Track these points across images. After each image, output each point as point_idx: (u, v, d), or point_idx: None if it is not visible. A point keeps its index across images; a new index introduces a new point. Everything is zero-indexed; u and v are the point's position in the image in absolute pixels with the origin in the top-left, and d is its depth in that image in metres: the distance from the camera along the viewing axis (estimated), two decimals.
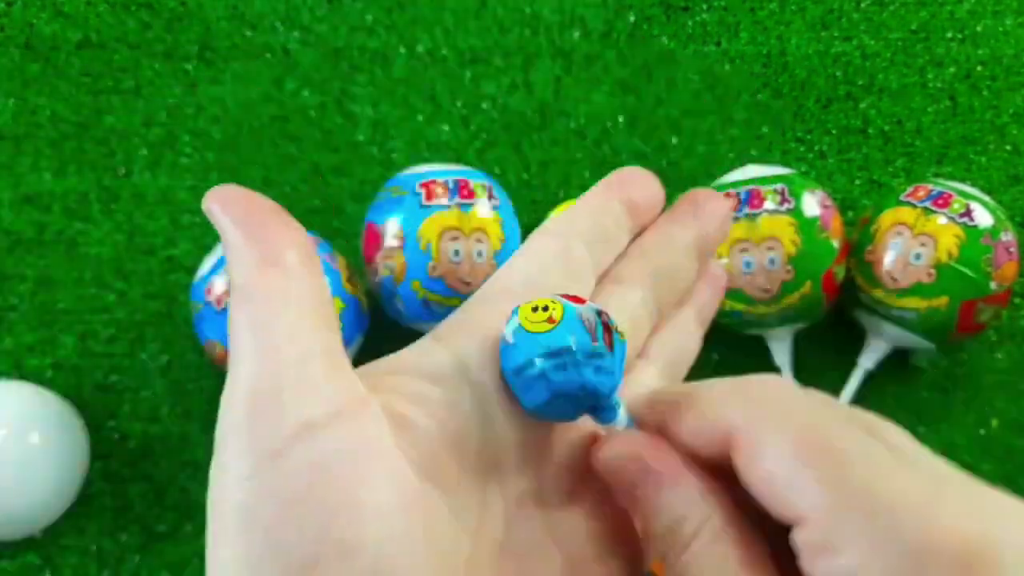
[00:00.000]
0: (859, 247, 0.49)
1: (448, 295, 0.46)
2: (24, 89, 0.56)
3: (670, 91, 0.58)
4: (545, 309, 0.19)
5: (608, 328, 0.19)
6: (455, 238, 0.46)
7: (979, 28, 0.59)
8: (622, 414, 0.21)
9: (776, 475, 0.17)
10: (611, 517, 0.22)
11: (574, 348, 0.19)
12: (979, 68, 0.58)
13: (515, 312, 0.20)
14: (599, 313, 0.19)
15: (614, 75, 0.58)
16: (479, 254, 0.46)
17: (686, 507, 0.19)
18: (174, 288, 0.53)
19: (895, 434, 0.18)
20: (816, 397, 0.19)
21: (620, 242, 0.24)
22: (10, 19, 0.58)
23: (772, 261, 0.46)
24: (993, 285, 0.46)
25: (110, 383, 0.51)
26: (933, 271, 0.46)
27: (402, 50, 0.58)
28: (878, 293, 0.48)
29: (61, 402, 0.49)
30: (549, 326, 0.19)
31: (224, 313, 0.44)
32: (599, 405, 0.20)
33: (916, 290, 0.46)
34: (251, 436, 0.17)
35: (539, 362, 0.19)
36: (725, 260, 0.47)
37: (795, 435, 0.17)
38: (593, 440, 0.22)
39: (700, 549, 0.18)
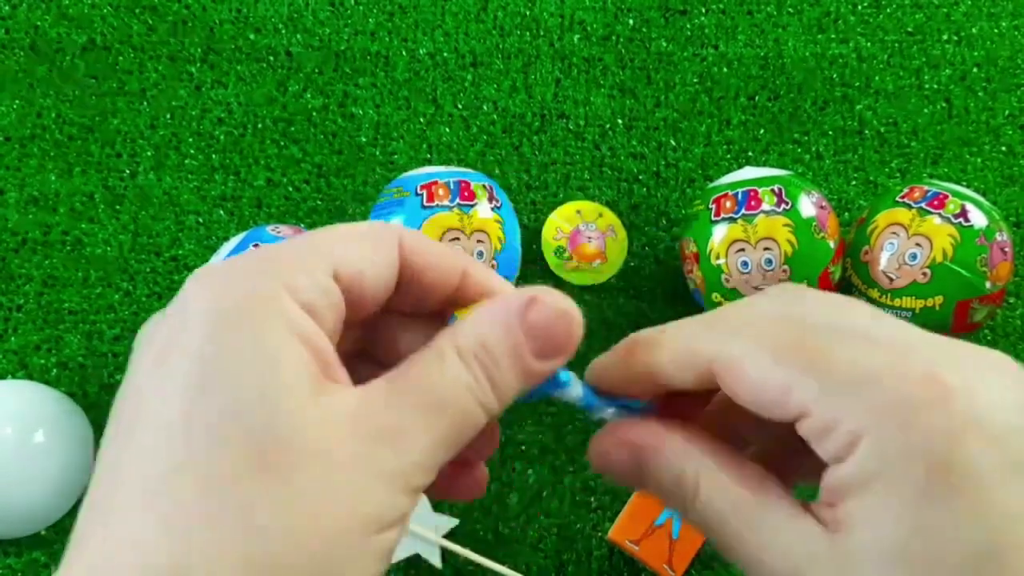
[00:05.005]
0: (855, 247, 0.50)
1: None
2: (30, 91, 0.57)
3: (668, 93, 0.58)
4: None
5: None
6: (456, 239, 0.46)
7: (974, 30, 0.60)
8: (576, 384, 0.22)
9: (766, 382, 0.19)
10: None
11: None
12: (975, 70, 0.59)
13: None
14: None
15: (613, 78, 0.59)
16: (480, 255, 0.47)
17: (681, 460, 0.21)
18: (179, 288, 0.53)
19: (859, 309, 0.20)
20: (781, 298, 0.21)
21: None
22: (15, 21, 0.58)
23: (769, 261, 0.46)
24: (988, 285, 0.46)
25: (115, 382, 0.52)
26: (928, 271, 0.46)
27: (404, 53, 0.59)
28: (874, 293, 0.48)
29: (66, 401, 0.49)
30: None
31: None
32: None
33: (911, 290, 0.47)
34: None
35: None
36: (722, 260, 0.47)
37: (770, 343, 0.19)
38: None
39: (707, 490, 0.20)
